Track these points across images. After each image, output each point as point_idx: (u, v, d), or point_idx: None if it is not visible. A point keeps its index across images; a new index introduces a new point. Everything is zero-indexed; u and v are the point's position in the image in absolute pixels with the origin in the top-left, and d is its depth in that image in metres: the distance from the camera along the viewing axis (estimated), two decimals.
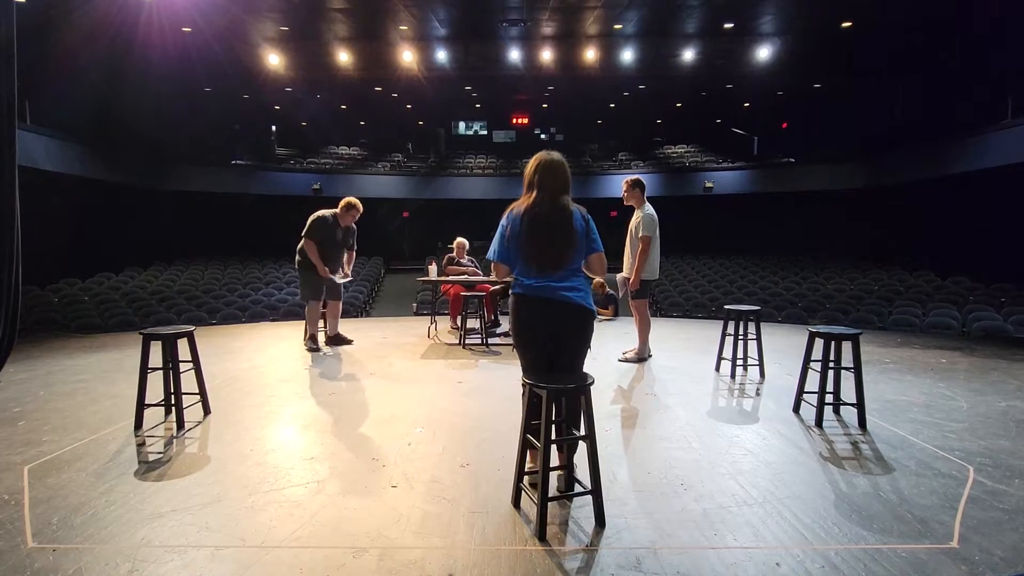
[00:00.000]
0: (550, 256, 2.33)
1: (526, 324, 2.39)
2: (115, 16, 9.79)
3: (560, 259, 2.33)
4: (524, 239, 2.33)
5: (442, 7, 11.35)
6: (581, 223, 2.36)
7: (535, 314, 2.36)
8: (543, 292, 2.32)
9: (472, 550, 1.95)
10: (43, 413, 3.49)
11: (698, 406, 3.64)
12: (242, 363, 4.94)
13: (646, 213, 4.63)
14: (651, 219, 4.61)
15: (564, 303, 2.32)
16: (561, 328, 2.36)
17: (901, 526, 2.12)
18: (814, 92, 15.56)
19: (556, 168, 2.39)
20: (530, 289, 2.34)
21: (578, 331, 2.40)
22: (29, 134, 9.96)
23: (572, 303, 2.32)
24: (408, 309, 11.80)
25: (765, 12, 11.38)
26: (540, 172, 2.39)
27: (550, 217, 2.33)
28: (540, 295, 2.33)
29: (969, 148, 10.86)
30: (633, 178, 4.77)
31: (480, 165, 18.70)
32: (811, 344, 3.43)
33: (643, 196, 4.74)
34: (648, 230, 4.57)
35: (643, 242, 4.57)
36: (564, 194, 2.38)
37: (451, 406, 3.63)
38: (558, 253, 2.33)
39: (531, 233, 2.33)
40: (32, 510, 2.22)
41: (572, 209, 2.36)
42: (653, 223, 4.61)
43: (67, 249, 11.24)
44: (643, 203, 4.72)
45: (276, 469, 2.62)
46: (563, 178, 2.39)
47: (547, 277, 2.32)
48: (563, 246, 2.33)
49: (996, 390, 4.07)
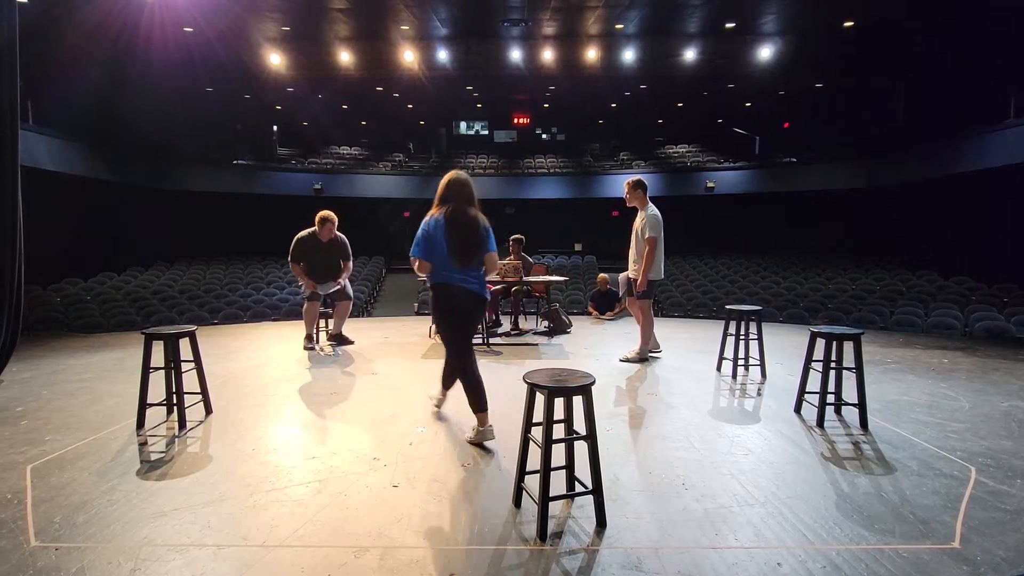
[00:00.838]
0: (466, 255, 2.92)
1: (451, 306, 2.97)
2: (117, 16, 9.81)
3: (473, 257, 2.95)
4: (447, 241, 2.89)
5: (443, 7, 11.36)
6: (485, 229, 2.99)
7: (457, 299, 2.95)
8: (463, 283, 2.93)
9: (473, 550, 1.95)
10: (46, 412, 3.50)
11: (699, 406, 3.64)
12: (244, 363, 4.95)
13: (650, 214, 4.63)
14: (655, 220, 4.61)
15: (475, 292, 2.97)
16: (471, 310, 3.01)
17: (903, 526, 2.12)
18: (816, 92, 15.53)
19: (465, 184, 3.00)
20: (452, 280, 2.93)
21: (480, 314, 3.14)
22: (31, 134, 9.99)
23: (479, 293, 3.00)
24: (409, 309, 11.81)
25: (767, 11, 11.37)
26: (453, 188, 2.98)
27: (466, 224, 2.93)
28: (461, 285, 2.93)
29: (972, 147, 10.83)
30: (634, 179, 4.76)
31: (481, 165, 18.70)
32: (813, 344, 3.43)
33: (645, 197, 4.74)
34: (654, 231, 4.58)
35: (649, 243, 4.57)
36: (472, 206, 2.99)
37: (452, 406, 3.63)
38: (472, 252, 2.94)
39: (452, 236, 2.89)
40: (35, 509, 2.22)
41: (479, 218, 2.98)
42: (658, 224, 4.61)
43: (69, 249, 11.26)
44: (646, 204, 4.71)
45: (278, 468, 2.63)
46: (470, 192, 3.00)
47: (464, 271, 2.93)
48: (475, 247, 2.95)
49: (998, 390, 4.07)
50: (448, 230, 2.89)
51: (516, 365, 4.79)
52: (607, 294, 8.10)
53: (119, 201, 13.09)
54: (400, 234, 18.29)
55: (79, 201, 11.80)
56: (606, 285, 8.13)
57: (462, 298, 2.93)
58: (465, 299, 2.94)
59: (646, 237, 4.58)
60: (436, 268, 2.93)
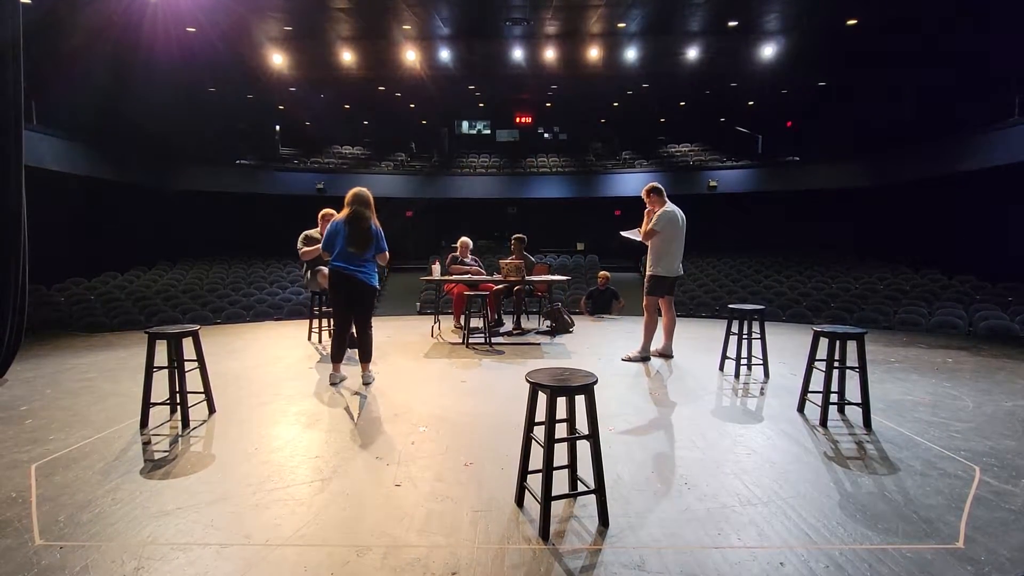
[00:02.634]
0: (359, 249, 3.92)
1: (338, 289, 3.98)
2: (120, 16, 9.83)
3: (364, 251, 3.95)
4: (345, 236, 3.91)
5: (445, 6, 11.35)
6: (376, 230, 4.00)
7: (344, 283, 3.94)
8: (353, 272, 3.92)
9: (476, 549, 1.95)
10: (50, 411, 3.52)
11: (702, 405, 3.64)
12: (247, 362, 4.96)
13: (661, 212, 4.75)
14: (665, 215, 4.73)
15: (362, 280, 3.95)
16: (358, 296, 3.98)
17: (906, 526, 2.11)
18: (819, 90, 15.48)
19: (364, 195, 4.05)
20: (346, 268, 3.92)
21: (368, 300, 4.07)
22: (35, 134, 10.03)
23: (367, 282, 3.97)
24: (412, 308, 11.82)
25: (770, 10, 11.31)
26: (355, 197, 4.03)
27: (361, 224, 3.94)
28: (352, 273, 3.92)
29: (976, 146, 10.79)
30: (649, 185, 4.89)
31: (483, 164, 18.70)
32: (816, 343, 3.41)
33: (662, 199, 4.84)
34: (656, 224, 4.71)
35: (647, 234, 4.78)
36: (368, 209, 4.01)
37: (455, 405, 3.63)
38: (364, 247, 3.94)
39: (349, 233, 3.92)
40: (39, 508, 2.23)
41: (372, 222, 4.00)
42: (665, 218, 4.72)
43: (73, 248, 11.30)
44: (663, 205, 4.82)
45: (281, 467, 2.63)
46: (367, 200, 4.03)
47: (354, 262, 3.93)
48: (366, 243, 3.95)
49: (1003, 390, 4.05)
50: (348, 229, 3.92)
51: (518, 364, 4.79)
52: (605, 292, 8.04)
53: (122, 201, 13.13)
54: (402, 234, 18.32)
55: (83, 201, 11.86)
56: (607, 283, 8.08)
57: (345, 278, 3.92)
58: (347, 280, 3.92)
59: (647, 229, 4.76)
60: (333, 256, 3.95)
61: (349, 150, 19.71)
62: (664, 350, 5.06)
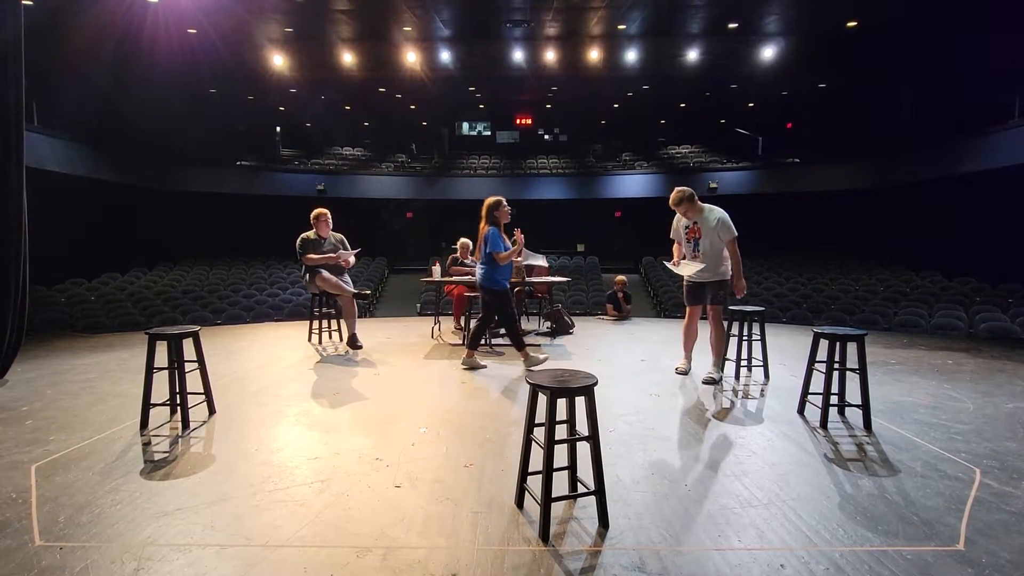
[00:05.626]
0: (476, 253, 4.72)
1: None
2: (121, 18, 9.85)
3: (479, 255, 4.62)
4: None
5: (446, 8, 11.37)
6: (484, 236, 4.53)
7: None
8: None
9: (475, 550, 1.95)
10: (50, 412, 3.51)
11: (702, 407, 3.64)
12: (247, 363, 4.96)
13: (720, 215, 4.15)
14: (728, 218, 4.16)
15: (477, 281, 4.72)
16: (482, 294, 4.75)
17: (906, 528, 2.11)
18: (819, 92, 15.49)
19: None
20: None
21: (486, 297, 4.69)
22: (36, 135, 10.05)
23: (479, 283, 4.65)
24: (412, 309, 11.82)
25: (770, 12, 11.34)
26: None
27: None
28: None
29: (976, 147, 10.79)
30: (681, 193, 4.22)
31: (484, 166, 18.72)
32: (816, 345, 3.42)
33: (697, 201, 4.24)
34: (734, 230, 4.12)
35: (730, 244, 4.14)
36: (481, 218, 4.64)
37: (455, 406, 3.63)
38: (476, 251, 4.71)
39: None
40: (39, 508, 2.23)
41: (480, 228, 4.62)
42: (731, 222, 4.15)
43: (73, 249, 11.31)
44: (702, 208, 4.24)
45: (281, 468, 2.63)
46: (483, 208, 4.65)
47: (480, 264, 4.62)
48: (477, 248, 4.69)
49: (1003, 391, 4.05)
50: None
51: (519, 366, 4.79)
52: (624, 295, 8.22)
53: (123, 202, 13.14)
54: (403, 235, 18.33)
55: (84, 202, 11.86)
56: (624, 287, 8.22)
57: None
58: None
59: (727, 240, 4.13)
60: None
61: (349, 151, 19.73)
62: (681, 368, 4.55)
